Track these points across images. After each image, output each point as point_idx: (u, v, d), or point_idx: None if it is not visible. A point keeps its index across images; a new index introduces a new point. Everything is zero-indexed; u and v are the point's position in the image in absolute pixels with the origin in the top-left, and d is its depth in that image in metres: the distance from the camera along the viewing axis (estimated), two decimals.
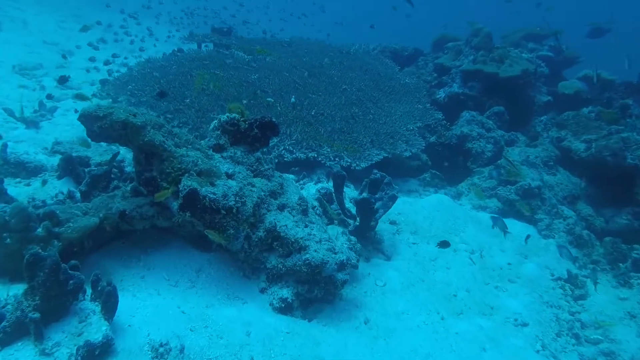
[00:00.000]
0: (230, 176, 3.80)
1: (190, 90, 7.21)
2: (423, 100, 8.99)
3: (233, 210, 3.53)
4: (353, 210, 5.51)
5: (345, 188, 6.62)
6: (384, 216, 5.31)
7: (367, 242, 5.31)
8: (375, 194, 5.04)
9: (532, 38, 12.24)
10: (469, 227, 6.24)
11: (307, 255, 3.79)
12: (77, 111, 7.38)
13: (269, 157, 5.03)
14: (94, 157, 4.61)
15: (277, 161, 6.11)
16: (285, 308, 3.80)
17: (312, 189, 5.32)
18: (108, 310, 2.71)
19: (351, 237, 4.67)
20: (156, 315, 3.20)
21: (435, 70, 10.25)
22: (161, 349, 2.90)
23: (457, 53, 9.95)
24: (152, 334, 3.02)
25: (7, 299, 2.76)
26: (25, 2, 18.19)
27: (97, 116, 3.30)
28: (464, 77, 9.23)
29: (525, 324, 4.62)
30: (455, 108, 8.94)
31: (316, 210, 4.59)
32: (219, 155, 3.96)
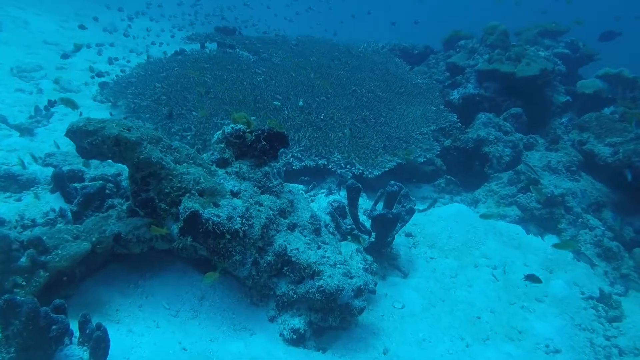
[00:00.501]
0: (235, 194, 3.45)
1: (192, 94, 6.86)
2: (436, 101, 8.59)
3: (239, 234, 3.18)
4: (367, 223, 5.14)
5: None
6: None
7: (382, 258, 4.95)
8: (391, 207, 4.67)
9: (547, 34, 11.78)
10: (490, 239, 5.85)
11: (321, 282, 3.43)
12: (80, 114, 7.07)
13: (276, 164, 4.68)
14: (89, 170, 4.26)
15: (284, 169, 5.75)
16: (297, 339, 3.44)
17: (324, 202, 4.96)
18: (98, 359, 2.37)
19: (367, 257, 4.31)
20: (154, 356, 2.86)
21: (448, 70, 9.83)
22: None
23: (470, 52, 9.52)
24: None
25: None
26: (27, 2, 17.91)
27: (87, 131, 2.95)
28: (479, 77, 8.81)
29: (557, 351, 4.24)
30: (470, 110, 8.53)
31: (329, 228, 4.22)
32: (223, 170, 3.61)
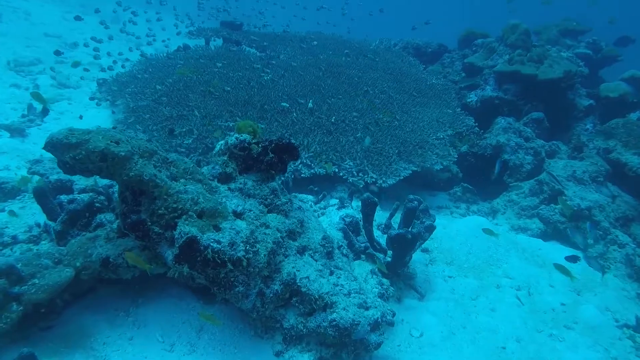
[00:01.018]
0: (239, 215, 3.05)
1: (195, 94, 6.45)
2: (452, 104, 8.14)
3: (242, 262, 2.78)
4: (381, 239, 4.74)
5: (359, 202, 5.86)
6: None
7: (398, 277, 4.54)
8: (409, 224, 4.26)
9: (568, 34, 11.28)
10: (512, 256, 5.44)
11: (334, 315, 3.04)
12: (81, 117, 6.68)
13: (284, 177, 4.28)
14: (80, 180, 3.88)
15: (292, 177, 5.35)
16: None
17: (335, 216, 4.55)
18: None
19: (383, 280, 3.90)
20: None
21: (464, 70, 9.37)
22: None
23: (489, 51, 9.05)
24: None
25: None
26: None
27: (69, 144, 2.55)
28: (498, 78, 8.35)
29: None
30: (488, 113, 8.08)
31: (342, 250, 3.82)
32: (226, 187, 3.21)
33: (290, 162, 3.50)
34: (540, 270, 5.31)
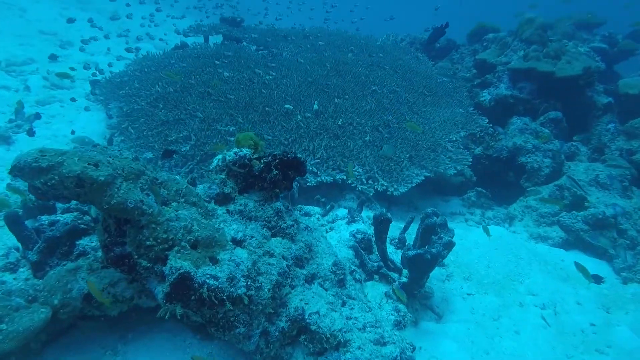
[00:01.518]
0: (239, 243, 2.67)
1: (193, 96, 6.07)
2: (465, 103, 7.73)
3: (244, 300, 2.41)
4: (394, 256, 4.37)
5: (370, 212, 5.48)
6: None
7: (413, 298, 4.17)
8: (428, 241, 3.88)
9: (582, 27, 10.80)
10: (534, 269, 5.06)
11: (348, 356, 2.67)
12: (74, 133, 6.31)
13: (290, 193, 3.90)
14: None
15: (298, 186, 4.97)
16: None
17: (345, 232, 4.17)
18: None
19: (399, 306, 3.53)
20: None
21: (476, 67, 8.94)
22: None
23: (502, 47, 8.61)
24: None
25: None
26: None
27: (39, 168, 2.18)
28: (512, 76, 7.92)
29: None
30: (502, 113, 7.67)
31: (355, 275, 3.44)
32: (224, 209, 2.83)
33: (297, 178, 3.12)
34: (565, 285, 4.93)
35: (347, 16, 15.36)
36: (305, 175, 4.79)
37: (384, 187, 5.34)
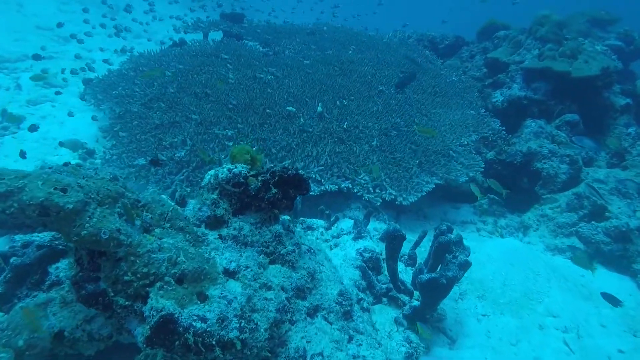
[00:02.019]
0: (232, 274, 2.34)
1: (190, 96, 5.73)
2: (475, 104, 7.36)
3: (236, 345, 2.08)
4: (404, 275, 4.04)
5: (377, 223, 5.15)
6: None
7: (425, 321, 3.84)
8: (441, 260, 3.54)
9: (596, 24, 10.37)
10: (553, 286, 4.71)
11: None
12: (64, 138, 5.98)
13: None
14: None
15: (300, 196, 4.63)
16: None
17: (351, 248, 3.84)
18: None
19: (410, 336, 3.20)
20: None
21: (486, 66, 8.54)
22: None
23: (515, 45, 8.21)
24: None
25: None
26: None
27: None
28: (526, 76, 7.53)
29: None
30: (515, 115, 7.30)
31: (363, 303, 3.11)
32: (216, 234, 2.50)
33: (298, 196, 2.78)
34: (587, 305, 4.58)
35: (360, 11, 14.95)
36: (308, 192, 4.45)
37: (393, 197, 5.00)
